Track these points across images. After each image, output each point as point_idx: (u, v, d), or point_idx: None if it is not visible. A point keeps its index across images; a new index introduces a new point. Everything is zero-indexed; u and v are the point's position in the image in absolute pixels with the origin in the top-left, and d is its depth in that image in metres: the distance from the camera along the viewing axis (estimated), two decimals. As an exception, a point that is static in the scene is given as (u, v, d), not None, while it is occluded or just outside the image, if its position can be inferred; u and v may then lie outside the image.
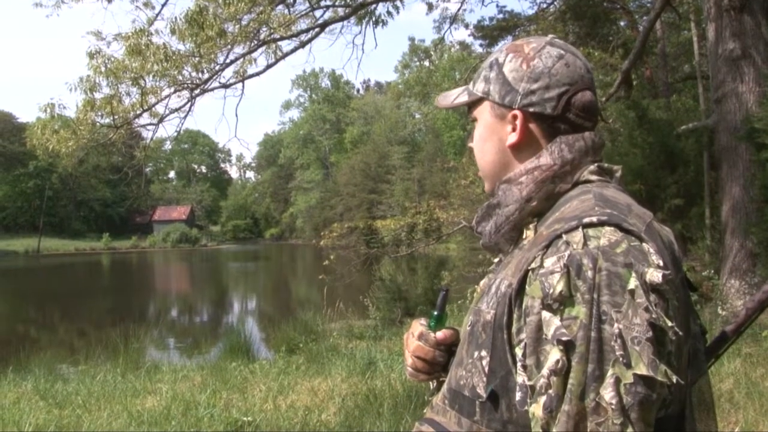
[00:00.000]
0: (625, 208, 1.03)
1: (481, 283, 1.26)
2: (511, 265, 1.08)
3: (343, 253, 16.62)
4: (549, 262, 0.96)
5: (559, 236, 0.98)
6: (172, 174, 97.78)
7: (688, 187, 10.50)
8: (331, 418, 5.11)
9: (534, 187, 1.11)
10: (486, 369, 1.05)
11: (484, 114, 1.21)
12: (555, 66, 1.13)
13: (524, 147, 1.15)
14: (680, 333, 0.93)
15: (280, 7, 10.05)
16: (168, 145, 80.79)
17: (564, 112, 1.13)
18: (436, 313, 1.31)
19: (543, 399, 0.91)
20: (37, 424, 5.09)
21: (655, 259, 0.94)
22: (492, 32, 18.01)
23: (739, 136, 8.55)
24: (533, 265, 0.98)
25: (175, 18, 8.65)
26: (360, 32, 12.28)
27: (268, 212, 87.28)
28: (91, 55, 8.67)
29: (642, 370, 0.87)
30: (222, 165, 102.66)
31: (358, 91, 77.41)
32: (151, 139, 10.94)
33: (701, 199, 10.64)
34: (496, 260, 1.25)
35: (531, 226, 1.11)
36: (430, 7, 16.92)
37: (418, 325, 1.32)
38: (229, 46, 9.36)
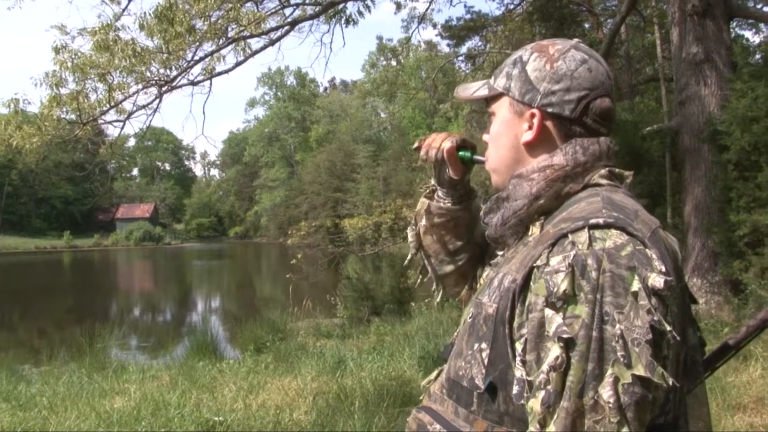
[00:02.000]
0: (632, 213, 1.05)
1: (484, 275, 1.28)
2: (515, 260, 1.09)
3: (309, 252, 16.56)
4: (554, 260, 0.98)
5: (565, 235, 1.00)
6: (135, 171, 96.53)
7: (651, 187, 10.69)
8: (303, 417, 5.10)
9: (544, 185, 1.13)
10: (485, 361, 1.07)
11: (502, 109, 1.23)
12: (578, 69, 1.15)
13: (538, 145, 1.17)
14: (678, 338, 0.95)
15: (249, 4, 9.99)
16: (132, 142, 79.71)
17: (581, 116, 1.15)
18: (472, 154, 1.42)
19: (541, 394, 0.93)
20: (1, 428, 4.99)
21: (658, 264, 0.96)
22: (459, 32, 18.08)
23: (701, 138, 8.75)
24: (538, 263, 1.00)
25: (144, 13, 8.54)
26: (328, 31, 12.28)
27: (233, 210, 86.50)
28: (57, 50, 8.50)
29: (640, 371, 0.89)
30: (186, 162, 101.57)
31: (326, 89, 77.23)
32: (118, 135, 10.77)
33: (664, 200, 10.84)
34: (501, 253, 1.26)
35: (537, 223, 1.13)
36: (399, 6, 16.97)
37: (454, 135, 1.44)
38: (198, 43, 9.27)
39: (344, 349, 8.18)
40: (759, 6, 16.02)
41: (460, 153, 1.41)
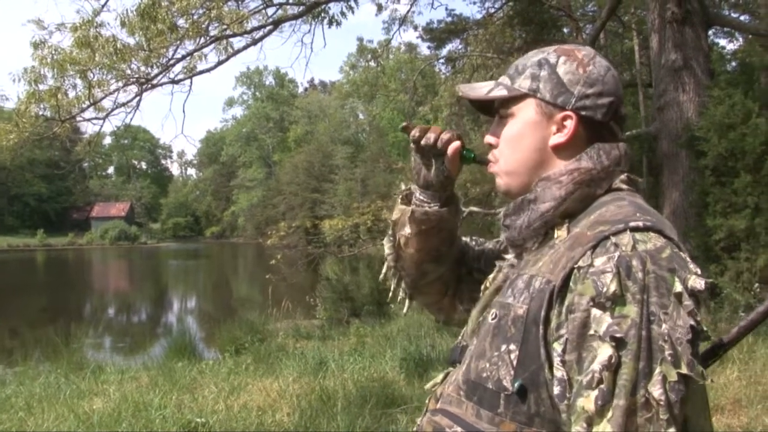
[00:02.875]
0: (660, 217, 1.09)
1: (490, 277, 1.28)
2: (542, 262, 1.10)
3: (288, 252, 16.53)
4: (599, 261, 0.99)
5: (607, 237, 1.01)
6: (111, 170, 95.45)
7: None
8: (286, 419, 5.09)
9: (572, 188, 1.13)
10: (514, 362, 1.06)
11: (525, 111, 1.21)
12: (606, 75, 1.18)
13: (566, 148, 1.18)
14: (710, 338, 1.00)
15: (231, 3, 9.94)
16: (108, 140, 78.97)
17: (609, 121, 1.17)
18: (475, 155, 1.36)
19: (594, 393, 0.94)
20: (-22, 428, 4.92)
21: (693, 267, 1.00)
22: (440, 35, 18.11)
23: (680, 143, 8.86)
24: (581, 264, 1.01)
25: (126, 10, 8.46)
26: (309, 31, 12.23)
27: (209, 210, 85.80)
28: (36, 45, 8.39)
29: (683, 369, 0.93)
30: (163, 161, 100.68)
31: (306, 90, 76.92)
32: (97, 133, 10.65)
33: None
34: (511, 256, 1.25)
35: (564, 226, 1.13)
36: (380, 7, 16.91)
37: (452, 131, 1.36)
38: (179, 41, 9.19)
39: (325, 350, 8.15)
40: (736, 15, 16.29)
41: (464, 151, 1.35)
